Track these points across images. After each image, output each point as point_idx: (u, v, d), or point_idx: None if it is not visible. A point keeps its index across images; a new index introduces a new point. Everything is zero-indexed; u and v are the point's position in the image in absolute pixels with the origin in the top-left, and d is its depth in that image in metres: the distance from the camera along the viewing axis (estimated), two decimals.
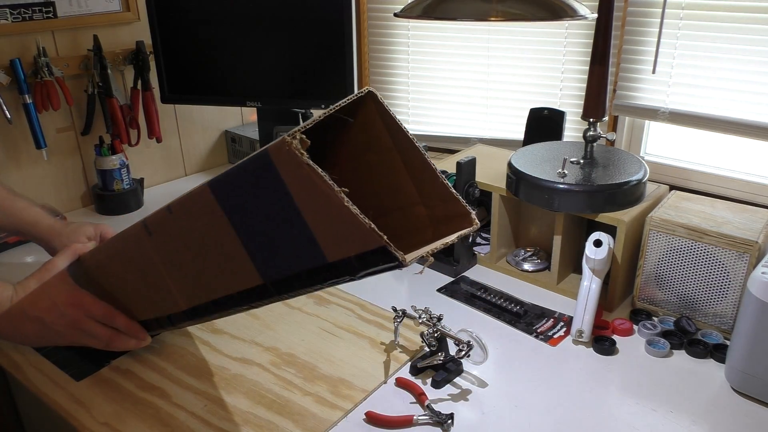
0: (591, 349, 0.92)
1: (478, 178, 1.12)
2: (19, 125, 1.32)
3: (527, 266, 1.12)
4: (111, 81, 1.38)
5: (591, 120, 1.04)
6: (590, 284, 0.93)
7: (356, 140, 0.69)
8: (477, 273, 1.14)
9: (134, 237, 0.74)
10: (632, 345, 0.93)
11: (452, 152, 1.42)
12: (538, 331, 0.96)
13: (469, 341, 0.84)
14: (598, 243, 0.94)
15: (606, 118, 1.09)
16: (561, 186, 0.99)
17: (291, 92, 1.45)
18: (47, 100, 1.30)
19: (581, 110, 1.05)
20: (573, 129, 1.61)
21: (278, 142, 0.56)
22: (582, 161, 1.07)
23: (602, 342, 0.92)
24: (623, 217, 0.97)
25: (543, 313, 1.01)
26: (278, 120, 1.53)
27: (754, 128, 1.35)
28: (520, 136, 1.43)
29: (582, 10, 0.92)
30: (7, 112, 1.27)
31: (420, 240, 0.69)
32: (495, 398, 0.82)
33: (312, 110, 1.51)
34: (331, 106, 0.61)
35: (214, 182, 0.63)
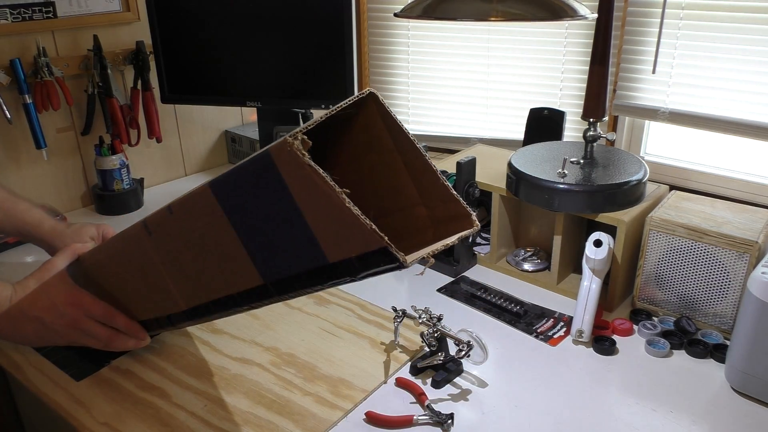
0: (591, 349, 0.92)
1: (478, 178, 1.12)
2: (19, 125, 1.32)
3: (527, 266, 1.12)
4: (111, 81, 1.38)
5: (591, 120, 1.04)
6: (590, 284, 0.93)
7: (357, 141, 0.69)
8: (477, 273, 1.14)
9: (134, 237, 0.74)
10: (632, 345, 0.93)
11: (452, 152, 1.42)
12: (538, 331, 0.96)
13: (469, 341, 0.84)
14: (598, 243, 0.95)
15: (606, 118, 1.09)
16: (561, 186, 0.99)
17: (291, 92, 1.45)
18: (47, 100, 1.30)
19: (581, 110, 1.05)
20: (573, 129, 1.61)
21: (280, 143, 0.56)
22: (582, 161, 1.07)
23: (602, 342, 0.92)
24: (623, 217, 0.97)
25: (543, 313, 1.01)
26: (278, 120, 1.53)
27: (754, 128, 1.35)
28: (520, 136, 1.43)
29: (582, 10, 0.92)
30: (7, 112, 1.27)
31: (421, 241, 0.69)
32: (495, 398, 0.82)
33: (312, 110, 1.51)
34: (333, 107, 0.61)
35: (215, 182, 0.63)
